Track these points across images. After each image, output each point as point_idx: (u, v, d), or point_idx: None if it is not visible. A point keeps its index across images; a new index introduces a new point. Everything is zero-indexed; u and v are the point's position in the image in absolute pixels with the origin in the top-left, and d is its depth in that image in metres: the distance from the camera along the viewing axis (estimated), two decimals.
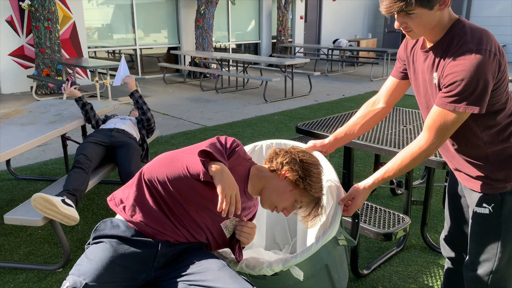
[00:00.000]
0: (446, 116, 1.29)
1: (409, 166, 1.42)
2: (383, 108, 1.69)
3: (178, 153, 1.45)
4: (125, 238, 1.38)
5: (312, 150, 1.85)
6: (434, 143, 1.35)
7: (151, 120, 3.38)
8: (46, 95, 7.73)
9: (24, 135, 2.79)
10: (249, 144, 4.98)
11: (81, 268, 1.31)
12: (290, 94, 7.97)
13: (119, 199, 1.48)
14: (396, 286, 2.33)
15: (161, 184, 1.41)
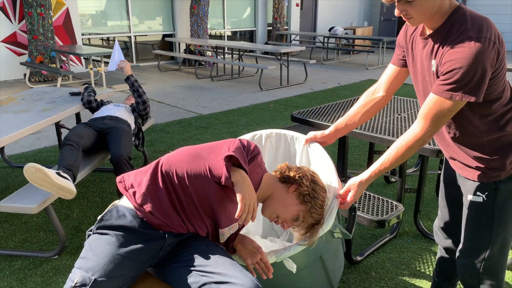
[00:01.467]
0: (442, 104, 1.29)
1: (405, 156, 1.42)
2: (383, 96, 1.68)
3: (202, 150, 1.43)
4: (132, 229, 1.35)
5: (312, 141, 1.85)
6: (429, 131, 1.35)
7: (147, 103, 3.38)
8: (39, 83, 7.66)
9: (17, 123, 2.77)
10: (245, 133, 4.98)
11: (88, 263, 1.30)
12: (286, 82, 7.95)
13: (130, 184, 1.43)
14: (389, 272, 2.36)
15: (179, 179, 1.39)
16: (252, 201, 1.33)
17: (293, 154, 1.99)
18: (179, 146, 4.39)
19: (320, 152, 1.82)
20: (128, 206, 1.40)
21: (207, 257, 1.37)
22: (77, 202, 3.17)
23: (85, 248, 1.36)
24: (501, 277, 1.50)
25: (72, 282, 1.28)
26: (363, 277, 2.32)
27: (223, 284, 1.29)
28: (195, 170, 1.38)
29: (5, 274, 2.33)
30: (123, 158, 2.74)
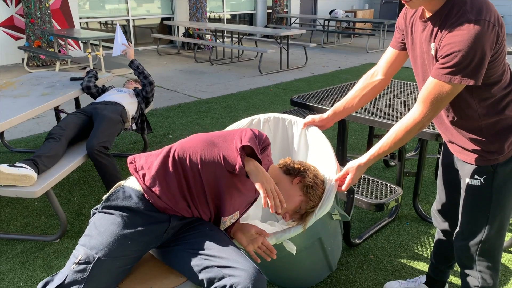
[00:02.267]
0: (441, 88, 1.28)
1: (403, 140, 1.42)
2: (381, 80, 1.67)
3: (216, 138, 1.43)
4: (137, 210, 1.36)
5: (310, 124, 1.85)
6: (427, 115, 1.35)
7: (153, 84, 3.40)
8: (38, 67, 7.61)
9: (16, 108, 2.76)
10: (244, 117, 4.97)
11: (92, 241, 1.31)
12: (286, 66, 7.90)
13: (140, 165, 1.43)
14: (387, 254, 2.39)
15: (192, 164, 1.39)
16: (272, 185, 1.36)
17: (291, 138, 1.99)
18: (179, 131, 4.39)
19: (318, 135, 1.82)
20: (134, 187, 1.40)
21: (210, 241, 1.38)
22: (78, 187, 3.19)
23: (89, 226, 1.37)
24: (497, 258, 1.52)
25: (75, 259, 1.30)
26: (361, 260, 2.34)
27: (225, 268, 1.31)
28: (209, 157, 1.39)
29: (7, 258, 2.36)
30: (94, 148, 2.69)
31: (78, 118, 2.94)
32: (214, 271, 1.31)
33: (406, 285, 2.05)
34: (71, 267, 1.29)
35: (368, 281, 2.18)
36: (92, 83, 3.37)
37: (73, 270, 1.28)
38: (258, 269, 1.33)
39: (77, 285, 1.27)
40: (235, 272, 1.30)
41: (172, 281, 1.36)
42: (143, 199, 1.37)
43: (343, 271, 2.25)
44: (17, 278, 2.19)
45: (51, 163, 2.53)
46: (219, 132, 1.49)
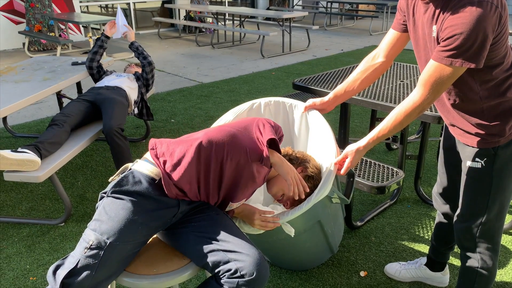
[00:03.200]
0: (442, 71, 1.27)
1: (403, 123, 1.42)
2: (383, 62, 1.66)
3: (239, 129, 1.47)
4: (147, 196, 1.36)
5: (311, 108, 1.84)
6: (428, 98, 1.34)
7: (153, 64, 3.37)
8: (39, 52, 7.58)
9: (18, 93, 2.77)
10: (246, 101, 4.95)
11: (103, 226, 1.31)
12: (288, 49, 7.84)
13: (162, 152, 1.43)
14: (388, 237, 2.41)
15: (217, 155, 1.40)
16: (295, 174, 1.47)
17: (292, 122, 1.99)
18: (181, 115, 4.39)
19: (319, 119, 1.82)
20: (144, 172, 1.39)
21: (216, 225, 1.40)
22: (81, 171, 3.21)
23: (99, 210, 1.36)
24: (497, 240, 1.53)
25: (86, 243, 1.30)
26: (363, 242, 2.37)
27: (231, 253, 1.32)
28: (235, 149, 1.42)
29: (13, 241, 2.39)
30: (113, 129, 2.74)
31: (81, 105, 2.94)
32: (220, 255, 1.33)
33: (406, 267, 2.07)
34: (83, 251, 1.30)
35: (369, 262, 2.20)
36: (97, 59, 3.34)
37: (85, 255, 1.29)
38: (263, 255, 1.35)
39: (89, 269, 1.28)
40: (241, 257, 1.32)
41: (176, 263, 1.38)
42: (152, 184, 1.37)
43: (345, 253, 2.28)
44: (24, 260, 2.23)
45: (53, 149, 2.54)
46: (237, 122, 1.52)
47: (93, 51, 3.34)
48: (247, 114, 1.96)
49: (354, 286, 2.04)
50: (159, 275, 1.33)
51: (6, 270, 2.17)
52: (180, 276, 1.34)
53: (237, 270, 1.30)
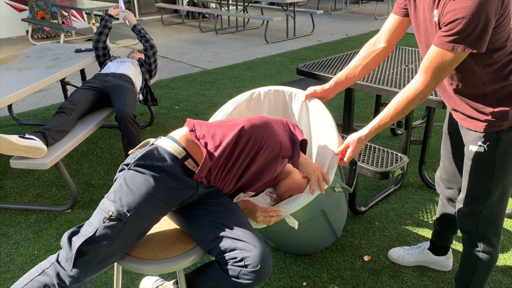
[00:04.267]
0: (444, 56, 1.26)
1: (405, 110, 1.41)
2: (384, 48, 1.64)
3: (277, 123, 1.51)
4: (170, 173, 1.35)
5: (312, 96, 1.83)
6: (430, 84, 1.33)
7: (155, 47, 3.35)
8: (42, 39, 7.57)
9: (22, 81, 2.77)
10: (251, 87, 4.93)
11: (124, 198, 1.30)
12: (292, 34, 7.77)
13: (202, 134, 1.43)
14: (392, 222, 2.42)
15: (255, 142, 1.42)
16: (319, 174, 1.54)
17: (291, 111, 1.97)
18: (185, 102, 4.39)
19: (320, 108, 1.80)
20: (167, 149, 1.38)
21: (230, 213, 1.41)
22: (87, 158, 3.24)
23: (119, 182, 1.34)
24: (499, 223, 1.53)
25: (106, 214, 1.29)
26: (366, 227, 2.38)
27: (239, 242, 1.34)
28: (272, 141, 1.44)
29: (21, 227, 2.43)
30: (127, 115, 2.75)
31: (89, 93, 2.94)
32: (228, 242, 1.34)
33: (410, 251, 2.09)
34: (102, 221, 1.28)
35: (373, 247, 2.22)
36: (103, 39, 3.35)
37: (104, 225, 1.28)
38: (268, 250, 1.36)
39: (107, 240, 1.27)
40: (248, 247, 1.33)
41: (180, 248, 1.40)
42: (175, 161, 1.36)
43: (349, 238, 2.29)
44: (32, 246, 2.27)
45: (59, 137, 2.56)
46: (268, 117, 1.55)
47: (98, 32, 3.35)
48: (247, 104, 1.95)
49: (358, 270, 2.06)
50: (163, 260, 1.35)
51: (15, 255, 2.21)
52: (185, 261, 1.36)
53: (242, 259, 1.31)
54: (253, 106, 1.95)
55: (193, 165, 1.40)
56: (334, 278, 2.02)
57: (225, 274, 1.34)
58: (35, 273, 1.31)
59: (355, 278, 2.02)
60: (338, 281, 2.00)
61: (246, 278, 1.32)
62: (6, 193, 2.78)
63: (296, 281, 2.00)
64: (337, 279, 2.01)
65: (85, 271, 1.27)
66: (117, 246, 1.30)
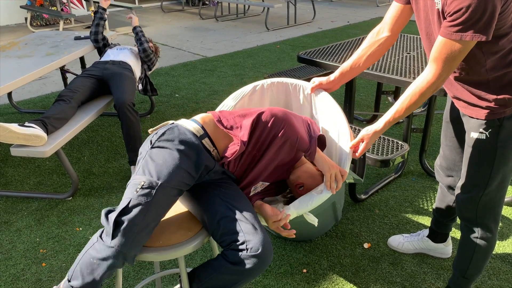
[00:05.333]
0: (453, 47, 1.24)
1: (418, 103, 1.40)
2: (388, 36, 1.62)
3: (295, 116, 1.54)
4: (192, 144, 1.41)
5: (318, 88, 1.81)
6: (441, 75, 1.32)
7: (147, 51, 3.27)
8: (41, 27, 7.51)
9: (22, 68, 2.76)
10: (251, 75, 4.90)
11: (152, 170, 1.34)
12: (293, 22, 7.71)
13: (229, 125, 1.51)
14: (392, 209, 2.43)
15: (272, 126, 1.47)
16: (335, 170, 1.52)
17: (296, 104, 1.95)
18: (185, 90, 4.37)
19: (328, 101, 1.76)
20: (188, 127, 1.45)
21: (241, 198, 1.45)
22: (87, 146, 3.24)
23: (144, 160, 1.38)
24: (497, 210, 1.54)
25: (138, 185, 1.32)
26: (366, 214, 2.39)
27: (244, 223, 1.36)
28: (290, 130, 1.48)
29: (23, 215, 2.44)
30: (126, 104, 2.73)
31: (88, 81, 2.93)
32: (234, 224, 1.36)
33: (409, 239, 2.10)
34: (134, 191, 1.31)
35: (373, 234, 2.23)
36: (101, 30, 3.34)
37: (137, 194, 1.30)
38: (270, 240, 1.38)
39: (141, 208, 1.29)
40: (251, 230, 1.35)
41: (181, 235, 1.40)
42: (196, 137, 1.44)
43: (349, 225, 2.30)
44: (34, 233, 2.28)
45: (59, 125, 2.55)
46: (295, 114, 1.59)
47: (95, 24, 3.32)
48: (249, 97, 1.92)
49: (358, 257, 2.08)
50: (164, 247, 1.36)
51: (17, 243, 2.22)
52: (185, 248, 1.36)
53: (244, 242, 1.33)
54: (255, 99, 1.93)
55: (209, 144, 1.46)
56: (334, 265, 2.03)
57: (226, 261, 1.35)
58: (87, 247, 1.37)
59: (355, 265, 2.03)
60: (338, 268, 2.01)
61: (247, 263, 1.32)
62: (7, 181, 2.79)
63: (296, 268, 2.02)
64: (337, 266, 2.02)
65: (124, 242, 1.28)
66: (151, 215, 1.31)
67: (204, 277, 1.39)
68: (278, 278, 1.96)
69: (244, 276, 1.35)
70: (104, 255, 1.29)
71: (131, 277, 1.99)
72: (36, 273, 2.02)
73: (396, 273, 1.98)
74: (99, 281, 1.33)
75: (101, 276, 1.32)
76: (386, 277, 1.96)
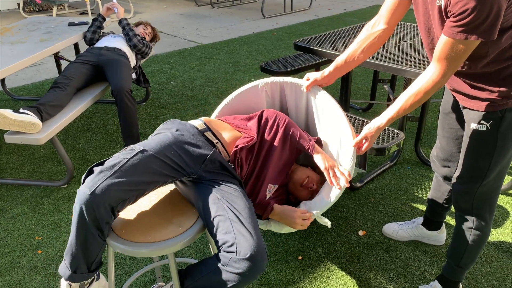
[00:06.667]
0: (457, 46, 1.22)
1: (421, 101, 1.39)
2: (384, 29, 1.59)
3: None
4: (190, 131, 1.49)
5: (313, 85, 1.78)
6: (446, 74, 1.30)
7: (138, 46, 3.20)
8: (34, 12, 7.41)
9: (15, 54, 2.72)
10: (247, 63, 4.86)
11: (141, 144, 1.40)
12: (290, 9, 7.64)
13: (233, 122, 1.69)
14: (387, 197, 2.44)
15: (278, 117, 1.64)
16: (334, 165, 1.61)
17: (292, 102, 1.92)
18: (181, 77, 4.34)
19: (326, 99, 1.74)
20: (190, 122, 1.57)
21: (238, 200, 1.41)
22: (82, 134, 3.22)
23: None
24: (494, 201, 1.54)
25: (124, 150, 1.39)
26: (361, 202, 2.40)
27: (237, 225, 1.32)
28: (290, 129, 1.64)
29: (18, 202, 2.43)
30: (124, 90, 2.71)
31: (83, 67, 2.89)
32: (226, 224, 1.33)
33: (404, 226, 2.11)
34: (118, 153, 1.38)
35: (368, 222, 2.24)
36: (96, 38, 3.27)
37: (120, 152, 1.37)
38: (265, 247, 1.33)
39: (120, 161, 1.32)
40: (245, 233, 1.30)
41: (171, 231, 1.37)
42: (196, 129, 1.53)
43: (344, 213, 2.31)
44: (29, 221, 2.28)
45: (54, 112, 2.53)
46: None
47: (91, 31, 3.24)
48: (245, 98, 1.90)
49: (353, 245, 2.09)
50: (154, 243, 1.34)
51: (12, 230, 2.22)
52: (176, 244, 1.33)
53: (233, 244, 1.28)
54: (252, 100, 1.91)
55: (212, 136, 1.54)
56: (329, 252, 2.05)
57: (218, 261, 1.31)
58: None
59: (349, 252, 2.05)
60: (333, 255, 2.03)
61: (236, 267, 1.27)
62: (2, 168, 2.77)
63: (292, 255, 2.03)
64: (332, 253, 2.04)
65: (91, 186, 1.25)
66: (129, 172, 1.30)
67: (196, 275, 1.37)
68: (273, 265, 1.97)
69: (236, 279, 1.29)
70: (77, 201, 1.28)
71: (127, 264, 2.00)
72: (32, 260, 2.02)
73: (390, 260, 2.00)
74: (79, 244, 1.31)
75: (81, 239, 1.30)
76: (381, 264, 1.98)
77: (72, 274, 1.37)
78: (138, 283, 1.89)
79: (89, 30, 3.26)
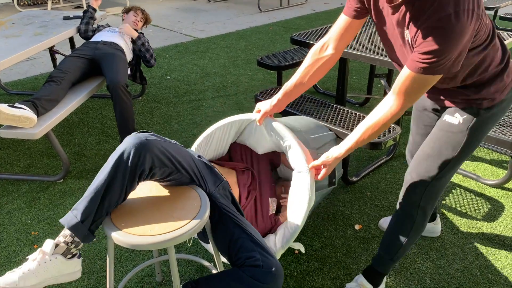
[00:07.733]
0: (419, 80, 1.20)
1: (379, 131, 1.38)
2: (332, 55, 1.54)
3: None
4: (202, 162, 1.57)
5: (265, 117, 1.74)
6: (405, 106, 1.29)
7: (151, 62, 3.25)
8: (29, 6, 7.34)
9: (9, 48, 2.70)
10: (244, 57, 4.83)
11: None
12: (286, 3, 7.61)
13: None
14: (383, 192, 2.45)
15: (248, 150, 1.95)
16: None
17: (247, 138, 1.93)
18: (177, 72, 4.33)
19: (279, 129, 1.73)
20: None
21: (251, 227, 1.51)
22: (78, 128, 3.20)
23: None
24: (438, 196, 1.54)
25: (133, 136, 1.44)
26: (358, 197, 2.41)
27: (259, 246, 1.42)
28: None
29: (14, 197, 2.42)
30: (120, 85, 2.70)
31: (79, 61, 2.87)
32: (250, 243, 1.42)
33: None
34: None
35: (364, 216, 2.25)
36: (91, 29, 3.25)
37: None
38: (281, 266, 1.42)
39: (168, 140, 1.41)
40: (266, 253, 1.40)
41: (172, 225, 1.37)
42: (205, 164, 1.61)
43: (340, 207, 2.32)
44: (25, 216, 2.27)
45: (50, 107, 2.51)
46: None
47: (84, 23, 3.22)
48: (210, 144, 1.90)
49: (349, 239, 2.10)
50: (155, 236, 1.34)
51: (8, 225, 2.21)
52: (176, 237, 1.34)
53: (259, 258, 1.37)
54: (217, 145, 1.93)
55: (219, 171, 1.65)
56: (325, 246, 2.06)
57: (245, 274, 1.37)
58: None
59: (346, 246, 2.06)
60: (329, 249, 2.04)
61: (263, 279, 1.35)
62: None
63: (288, 249, 2.04)
64: (328, 247, 2.05)
65: (151, 138, 1.34)
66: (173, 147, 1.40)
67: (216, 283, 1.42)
68: None
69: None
70: (126, 143, 1.33)
71: (124, 259, 2.00)
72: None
73: None
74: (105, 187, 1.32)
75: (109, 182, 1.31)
76: None
77: (79, 224, 1.33)
78: (135, 277, 1.89)
79: (82, 22, 3.25)
